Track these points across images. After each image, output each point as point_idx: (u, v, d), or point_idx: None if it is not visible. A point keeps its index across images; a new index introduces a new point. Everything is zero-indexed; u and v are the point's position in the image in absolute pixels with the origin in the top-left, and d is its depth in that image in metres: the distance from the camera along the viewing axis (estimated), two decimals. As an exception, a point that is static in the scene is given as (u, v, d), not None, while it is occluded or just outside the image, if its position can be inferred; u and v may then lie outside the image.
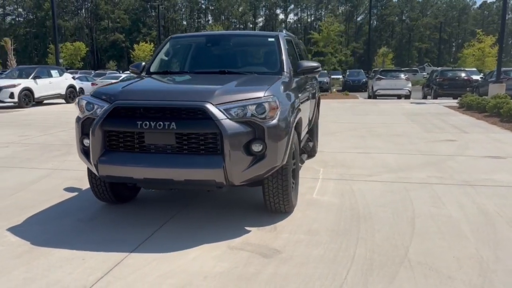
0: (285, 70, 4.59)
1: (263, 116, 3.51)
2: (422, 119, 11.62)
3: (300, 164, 5.58)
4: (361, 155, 6.91)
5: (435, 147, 7.49)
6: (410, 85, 21.70)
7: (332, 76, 40.96)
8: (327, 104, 17.16)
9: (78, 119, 3.81)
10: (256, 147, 3.49)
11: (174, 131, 3.41)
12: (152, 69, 4.94)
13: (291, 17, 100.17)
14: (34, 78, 16.89)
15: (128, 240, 3.50)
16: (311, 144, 6.07)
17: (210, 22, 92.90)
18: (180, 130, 3.41)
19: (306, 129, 5.63)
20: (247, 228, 3.77)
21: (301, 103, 4.90)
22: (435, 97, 20.48)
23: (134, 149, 3.55)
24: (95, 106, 3.64)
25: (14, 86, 15.87)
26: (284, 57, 4.70)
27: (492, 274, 2.93)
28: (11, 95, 15.54)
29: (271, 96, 3.62)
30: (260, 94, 3.61)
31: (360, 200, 4.55)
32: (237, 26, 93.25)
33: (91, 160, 3.61)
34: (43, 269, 3.03)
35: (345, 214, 4.14)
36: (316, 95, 6.46)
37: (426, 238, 3.54)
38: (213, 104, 3.40)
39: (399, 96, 21.65)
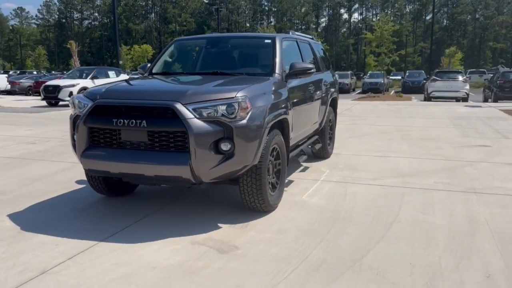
0: (276, 72, 4.64)
1: (232, 116, 3.60)
2: (466, 123, 11.05)
3: (301, 163, 5.62)
4: (377, 158, 6.76)
5: (462, 153, 7.15)
6: (467, 87, 20.55)
7: (392, 77, 39.75)
8: (374, 106, 16.80)
9: (70, 116, 4.13)
10: (225, 146, 3.60)
11: (146, 129, 3.61)
12: (154, 70, 5.20)
13: (355, 16, 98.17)
14: (92, 78, 18.04)
15: (104, 230, 3.75)
16: (317, 146, 6.04)
17: (272, 23, 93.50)
18: (150, 128, 3.60)
19: (308, 131, 5.62)
20: (220, 225, 3.88)
21: (298, 105, 4.93)
22: (495, 100, 19.27)
23: (112, 145, 3.80)
24: (83, 104, 3.93)
25: (73, 86, 17.07)
26: (277, 59, 4.74)
27: (441, 283, 2.83)
28: (70, 94, 16.71)
29: (243, 97, 3.71)
30: (232, 94, 3.71)
31: (348, 203, 4.51)
32: (300, 27, 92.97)
33: (77, 154, 3.90)
34: (17, 251, 3.34)
35: (325, 216, 4.13)
36: (329, 97, 6.40)
37: (393, 244, 3.46)
38: (182, 104, 3.55)
39: (457, 99, 20.60)
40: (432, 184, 5.22)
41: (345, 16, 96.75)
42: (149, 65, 5.32)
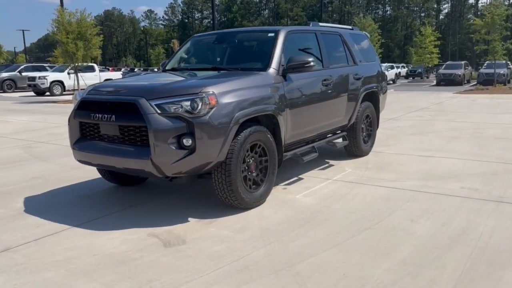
0: (272, 67, 4.52)
1: (194, 111, 3.63)
2: None
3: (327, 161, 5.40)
4: (419, 158, 6.20)
5: (528, 155, 6.21)
6: None
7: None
8: (472, 100, 15.34)
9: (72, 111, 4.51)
10: (187, 142, 3.64)
11: (116, 123, 3.81)
12: (167, 67, 5.41)
13: (483, 0, 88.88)
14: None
15: (86, 216, 4.05)
16: (339, 144, 5.72)
17: (389, 12, 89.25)
18: (119, 122, 3.79)
19: (324, 128, 5.36)
20: (189, 219, 3.94)
21: (302, 101, 4.77)
22: None
23: (95, 138, 4.07)
24: (76, 99, 4.28)
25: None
26: (276, 53, 4.61)
27: (358, 298, 2.56)
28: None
29: (208, 93, 3.71)
30: (197, 90, 3.74)
31: (339, 205, 4.24)
32: (418, 14, 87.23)
33: (70, 145, 4.27)
34: (4, 230, 3.78)
35: (302, 216, 3.95)
36: (361, 92, 6.01)
37: (346, 251, 3.19)
38: (146, 100, 3.67)
39: None
40: (456, 189, 4.65)
41: (471, 0, 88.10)
42: (166, 62, 5.53)
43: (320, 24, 5.93)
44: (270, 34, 4.88)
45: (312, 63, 4.59)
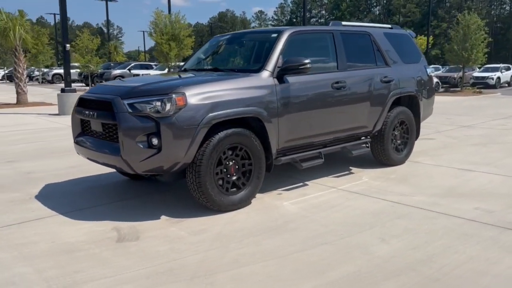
0: (266, 68, 4.41)
1: (162, 111, 3.71)
2: None
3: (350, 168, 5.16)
4: (457, 172, 5.60)
5: None
6: None
7: None
8: None
9: None
10: (154, 141, 3.74)
11: (98, 120, 4.04)
12: (184, 67, 5.55)
13: None
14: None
15: (75, 206, 4.36)
16: (355, 151, 5.34)
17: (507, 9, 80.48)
18: (100, 120, 4.02)
19: (335, 134, 5.07)
20: (162, 216, 4.03)
21: (303, 104, 4.60)
22: None
23: (88, 133, 4.36)
24: None
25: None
26: (273, 54, 4.49)
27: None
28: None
29: (178, 94, 3.77)
30: (168, 91, 3.81)
31: (320, 215, 4.02)
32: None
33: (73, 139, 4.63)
34: (4, 211, 4.23)
35: (272, 224, 3.82)
36: (389, 96, 5.57)
37: (282, 265, 3.02)
38: (121, 99, 3.84)
39: None
40: (466, 210, 4.11)
41: None
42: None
43: (347, 23, 5.61)
44: (273, 35, 4.76)
45: (308, 65, 4.38)
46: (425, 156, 6.53)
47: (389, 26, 6.31)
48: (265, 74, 4.38)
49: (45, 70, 39.40)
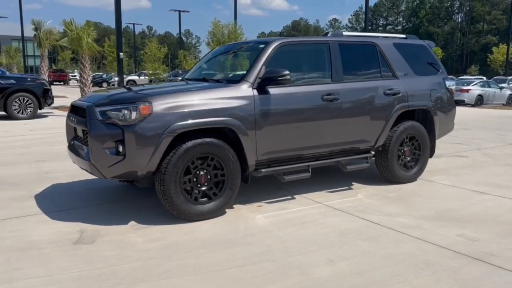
0: (246, 79, 4.39)
1: (128, 119, 3.83)
2: None
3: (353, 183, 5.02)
4: (469, 193, 5.18)
5: None
6: None
7: None
8: None
9: None
10: (120, 148, 3.88)
11: (80, 126, 4.25)
12: (185, 76, 5.67)
13: None
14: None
15: (63, 206, 4.61)
16: (350, 167, 5.10)
17: None
18: (80, 126, 4.23)
19: (327, 147, 4.89)
20: (131, 222, 4.14)
21: (285, 116, 4.52)
22: None
23: (77, 139, 4.60)
24: None
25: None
26: (255, 66, 4.45)
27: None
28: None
29: (144, 103, 3.87)
30: (135, 100, 3.93)
31: (284, 231, 3.91)
32: None
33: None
34: (3, 205, 4.58)
35: (230, 237, 3.78)
36: (394, 110, 5.27)
37: (207, 280, 2.99)
38: (95, 106, 4.02)
39: None
40: (447, 236, 3.80)
41: None
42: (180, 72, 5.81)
43: (350, 33, 5.41)
44: (260, 46, 4.72)
45: (287, 77, 4.30)
46: (443, 174, 6.09)
47: (403, 36, 5.99)
48: (245, 85, 4.36)
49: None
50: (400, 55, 5.56)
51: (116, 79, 40.10)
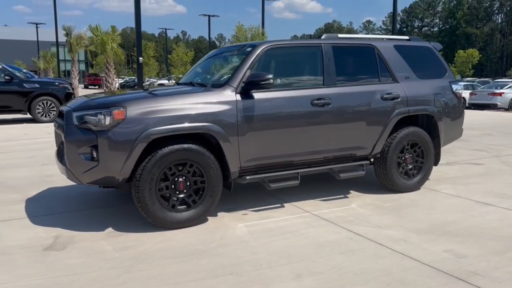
0: (230, 83, 4.27)
1: (102, 125, 3.78)
2: None
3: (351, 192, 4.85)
4: (473, 204, 4.86)
5: None
6: None
7: None
8: None
9: None
10: (94, 153, 3.83)
11: (58, 130, 4.24)
12: (179, 80, 5.60)
13: None
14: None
15: (52, 210, 4.61)
16: (343, 174, 4.88)
17: None
18: (58, 130, 4.21)
19: (318, 154, 4.71)
20: (108, 229, 4.08)
21: (270, 121, 4.38)
22: None
23: (62, 144, 4.59)
24: None
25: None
26: (240, 69, 4.32)
27: None
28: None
29: (118, 108, 3.81)
30: (110, 104, 3.88)
31: (260, 242, 3.76)
32: None
33: (57, 152, 4.90)
34: (-14, 211, 4.65)
35: (202, 247, 3.65)
36: (392, 116, 5.01)
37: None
38: (73, 111, 4.00)
39: None
40: (434, 252, 3.54)
41: None
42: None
43: (345, 35, 5.20)
44: (248, 49, 4.59)
45: (270, 81, 4.15)
46: (451, 183, 5.77)
47: (407, 37, 5.72)
48: (227, 89, 4.24)
49: (152, 80, 42.74)
50: (401, 58, 5.30)
51: (148, 82, 41.09)
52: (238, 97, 4.23)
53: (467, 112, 19.31)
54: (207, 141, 4.18)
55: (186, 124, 3.95)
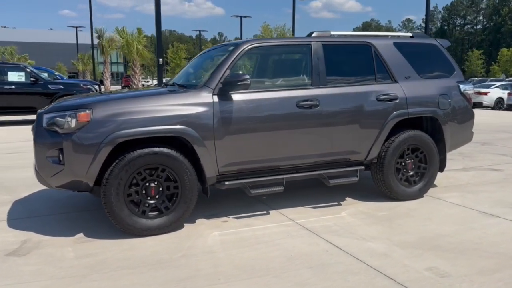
0: (208, 85, 4.08)
1: (68, 127, 3.67)
2: None
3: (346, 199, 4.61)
4: (478, 215, 4.47)
5: None
6: None
7: None
8: None
9: None
10: (61, 157, 3.73)
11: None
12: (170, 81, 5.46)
13: None
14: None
15: (32, 212, 4.56)
16: (333, 181, 4.58)
17: None
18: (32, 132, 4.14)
19: (305, 158, 4.45)
20: (78, 234, 3.96)
21: (245, 124, 4.14)
22: None
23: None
24: None
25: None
26: (218, 70, 4.12)
27: None
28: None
29: (83, 110, 3.69)
30: (76, 107, 3.77)
31: (230, 252, 3.54)
32: None
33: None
34: (-30, 213, 4.65)
35: (166, 257, 3.47)
36: (388, 119, 4.67)
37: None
38: (44, 113, 3.92)
39: None
40: (414, 268, 3.22)
41: None
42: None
43: (337, 33, 4.89)
44: (230, 48, 4.38)
45: (247, 81, 3.93)
46: (460, 191, 5.34)
47: (409, 34, 5.33)
48: (204, 91, 4.05)
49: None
50: (402, 56, 4.94)
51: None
52: (216, 98, 4.03)
53: (503, 114, 18.26)
54: (184, 145, 4.00)
55: (156, 127, 3.78)
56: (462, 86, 5.19)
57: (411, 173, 4.95)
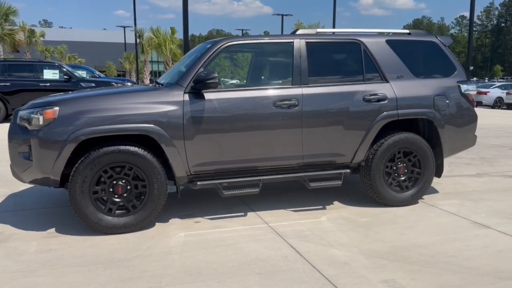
0: (179, 83, 4.04)
1: (35, 124, 3.74)
2: None
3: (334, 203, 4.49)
4: (469, 225, 4.17)
5: None
6: None
7: None
8: None
9: None
10: (30, 153, 3.81)
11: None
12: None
13: None
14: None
15: (21, 206, 4.70)
16: (314, 184, 4.40)
17: None
18: (16, 129, 4.26)
19: (283, 160, 4.31)
20: (51, 229, 4.03)
21: (218, 124, 4.08)
22: None
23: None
24: None
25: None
26: (192, 68, 4.07)
27: None
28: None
29: (50, 107, 3.75)
30: (46, 104, 3.83)
31: (186, 255, 3.48)
32: None
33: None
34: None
35: (121, 257, 3.45)
36: (376, 120, 4.43)
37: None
38: (19, 110, 4.02)
39: None
40: (370, 280, 3.03)
41: None
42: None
43: (324, 30, 4.70)
44: (207, 46, 4.32)
45: (215, 80, 3.85)
46: (461, 198, 5.00)
47: (407, 31, 5.04)
48: (175, 89, 4.01)
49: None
50: (394, 54, 4.68)
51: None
52: (186, 97, 3.98)
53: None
54: (157, 144, 3.97)
55: (120, 125, 3.78)
56: (463, 86, 4.85)
57: (403, 178, 4.68)
